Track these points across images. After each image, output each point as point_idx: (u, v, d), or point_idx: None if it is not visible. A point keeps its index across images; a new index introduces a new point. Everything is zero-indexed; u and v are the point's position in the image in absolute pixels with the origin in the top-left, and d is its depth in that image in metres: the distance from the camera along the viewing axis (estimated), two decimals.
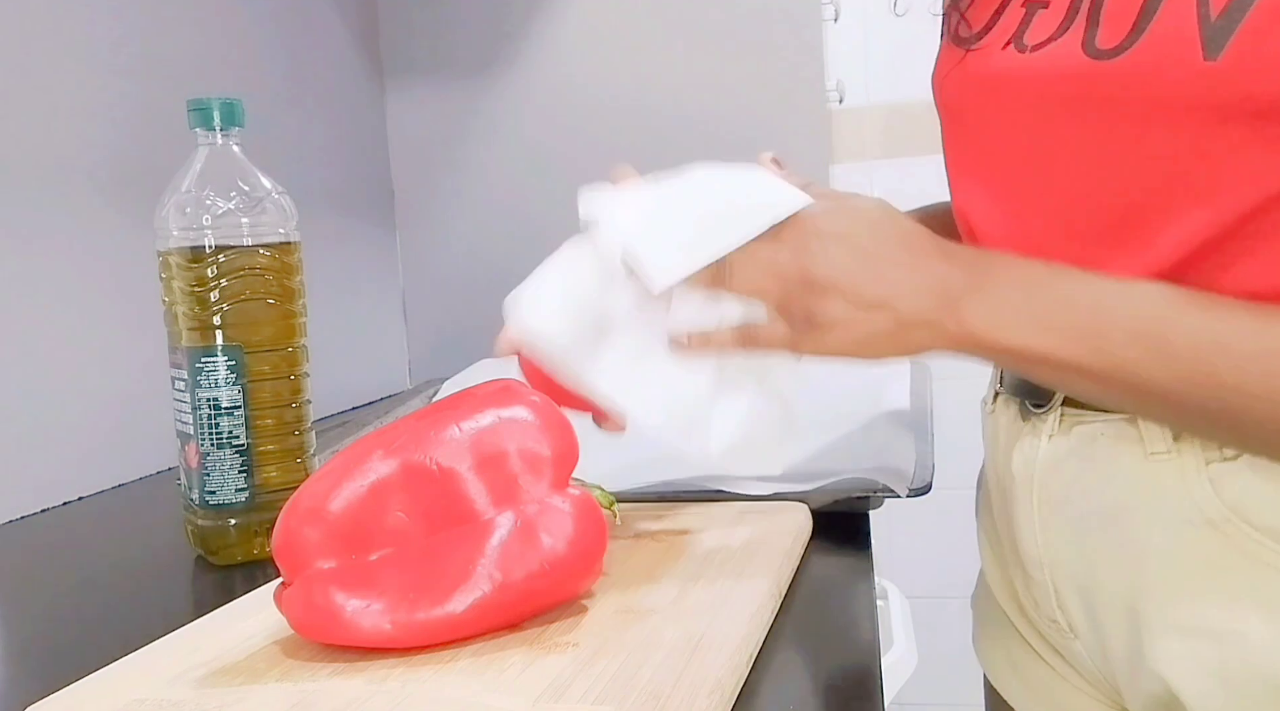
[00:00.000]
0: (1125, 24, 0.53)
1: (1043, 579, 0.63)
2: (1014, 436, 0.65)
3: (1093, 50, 0.54)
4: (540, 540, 0.50)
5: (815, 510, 0.70)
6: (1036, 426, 0.63)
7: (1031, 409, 0.63)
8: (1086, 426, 0.60)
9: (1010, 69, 0.58)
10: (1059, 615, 0.63)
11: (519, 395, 0.54)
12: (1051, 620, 0.64)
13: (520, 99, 1.41)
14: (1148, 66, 0.52)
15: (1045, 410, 0.62)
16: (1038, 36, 0.58)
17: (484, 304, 1.43)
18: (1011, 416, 0.66)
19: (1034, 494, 0.62)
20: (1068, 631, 0.63)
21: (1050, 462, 0.61)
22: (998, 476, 0.67)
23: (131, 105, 0.97)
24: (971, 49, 0.62)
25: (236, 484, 0.68)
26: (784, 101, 1.32)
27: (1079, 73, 0.55)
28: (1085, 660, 0.64)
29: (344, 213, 1.36)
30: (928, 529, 0.87)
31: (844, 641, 0.54)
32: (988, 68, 0.60)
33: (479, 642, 0.50)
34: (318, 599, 0.48)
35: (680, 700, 0.43)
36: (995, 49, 0.60)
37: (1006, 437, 0.66)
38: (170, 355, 0.69)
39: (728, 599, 0.54)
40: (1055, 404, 0.61)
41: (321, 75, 1.33)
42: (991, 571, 0.72)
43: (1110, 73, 0.53)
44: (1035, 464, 0.62)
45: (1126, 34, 0.52)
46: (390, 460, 0.50)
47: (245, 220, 0.67)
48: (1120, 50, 0.52)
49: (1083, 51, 0.54)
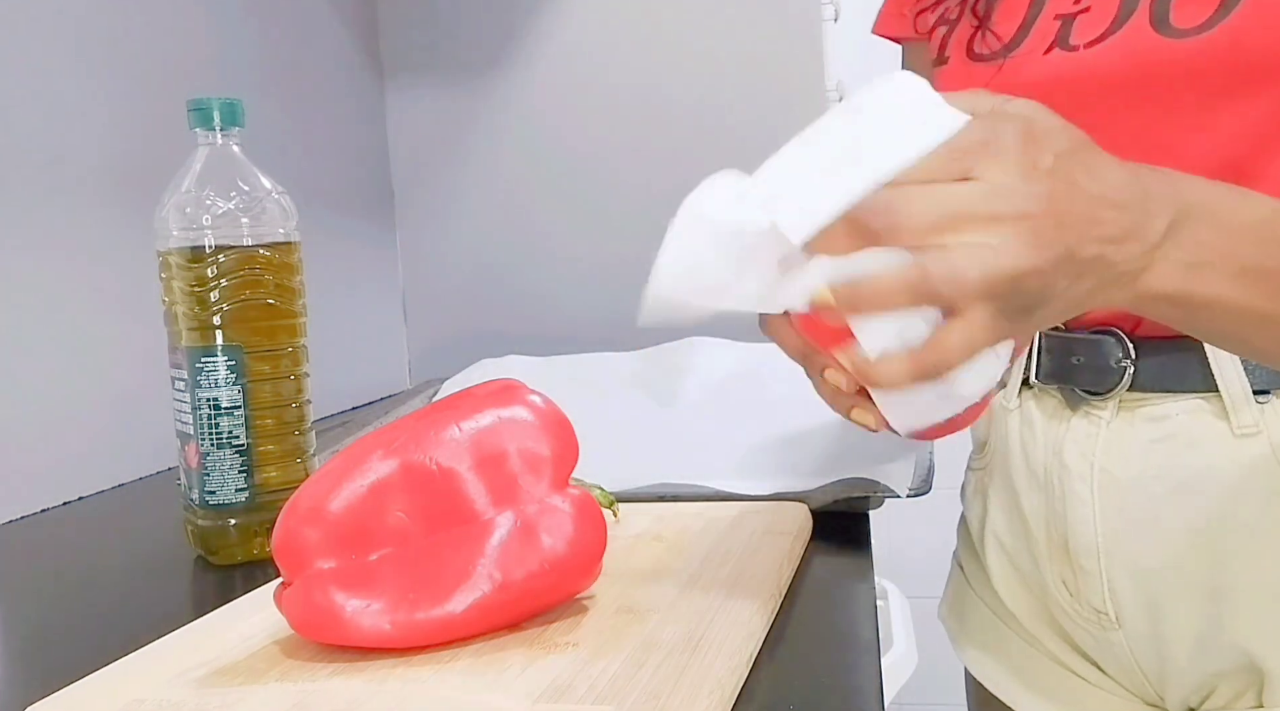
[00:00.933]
0: (1210, 2, 0.54)
1: (1094, 568, 0.63)
2: (1059, 426, 0.64)
3: (1170, 31, 0.55)
4: (540, 540, 0.50)
5: (815, 510, 0.70)
6: (1090, 413, 0.62)
7: (1084, 396, 0.63)
8: (1155, 408, 0.60)
9: (1064, 69, 0.59)
10: (1107, 605, 0.63)
11: (519, 395, 0.54)
12: (1097, 611, 0.64)
13: (520, 99, 1.41)
14: (1244, 35, 0.53)
15: (1105, 396, 0.61)
16: (1086, 36, 0.58)
17: (484, 304, 1.44)
18: (1051, 407, 0.65)
19: (1093, 480, 0.62)
20: (1112, 623, 0.63)
21: (1113, 448, 0.61)
22: (1032, 470, 0.66)
23: (131, 105, 0.97)
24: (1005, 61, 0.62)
25: (236, 484, 0.68)
26: (784, 101, 1.32)
27: (1155, 52, 0.56)
28: (1122, 651, 0.64)
29: (344, 213, 1.36)
30: (928, 529, 0.87)
31: (844, 641, 0.54)
32: (1036, 73, 0.60)
33: (479, 642, 0.50)
34: (318, 599, 0.48)
35: (680, 700, 0.43)
36: (1036, 55, 0.60)
37: (1048, 429, 0.65)
38: (170, 355, 0.69)
39: (728, 599, 0.54)
40: (1119, 389, 0.61)
41: (321, 75, 1.33)
42: (1000, 572, 0.71)
43: (1195, 48, 0.55)
44: (1095, 451, 0.62)
45: (1214, 10, 0.53)
46: (390, 460, 0.50)
47: (245, 220, 0.67)
48: (1208, 26, 0.54)
49: (1156, 33, 0.55)
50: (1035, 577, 0.68)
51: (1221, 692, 0.60)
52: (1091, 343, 0.62)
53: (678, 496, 0.73)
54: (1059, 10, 0.61)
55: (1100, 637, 0.65)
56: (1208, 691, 0.61)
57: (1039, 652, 0.70)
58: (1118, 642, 0.64)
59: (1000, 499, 0.71)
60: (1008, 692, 0.73)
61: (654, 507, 0.71)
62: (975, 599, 0.75)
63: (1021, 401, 0.68)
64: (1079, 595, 0.65)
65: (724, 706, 0.44)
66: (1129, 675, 0.65)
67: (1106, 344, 0.61)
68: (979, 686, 0.76)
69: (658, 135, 1.35)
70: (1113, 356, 0.61)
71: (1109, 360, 0.61)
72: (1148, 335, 0.60)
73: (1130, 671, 0.64)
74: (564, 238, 1.38)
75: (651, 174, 1.34)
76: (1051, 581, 0.66)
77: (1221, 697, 0.60)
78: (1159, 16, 0.56)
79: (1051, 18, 0.61)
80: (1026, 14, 0.62)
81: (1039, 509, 0.66)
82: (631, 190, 1.35)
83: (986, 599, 0.73)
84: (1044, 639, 0.69)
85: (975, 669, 0.76)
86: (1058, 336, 0.65)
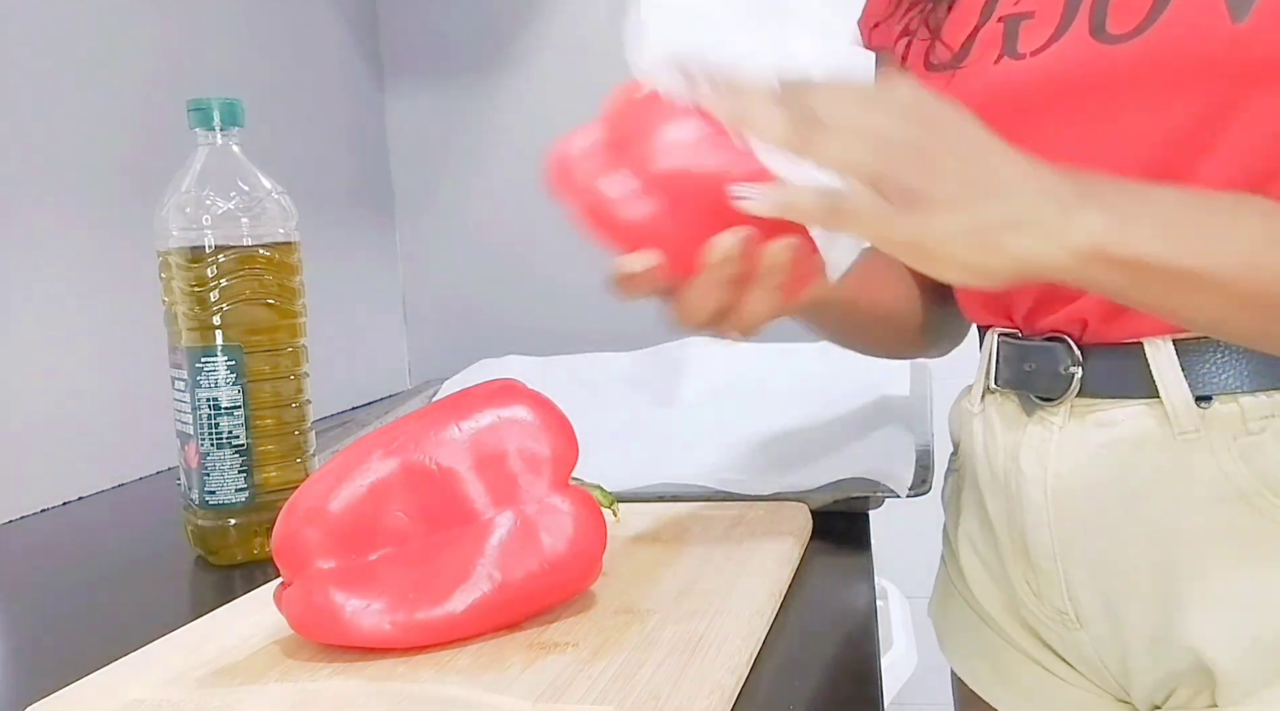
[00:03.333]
0: (1140, 7, 0.55)
1: (1052, 570, 0.64)
2: (1016, 431, 0.65)
3: (1105, 37, 0.56)
4: (540, 540, 0.50)
5: (815, 510, 0.70)
6: (1044, 419, 0.63)
7: (1038, 402, 0.63)
8: (1103, 413, 0.61)
9: (1012, 77, 0.60)
10: (1068, 606, 0.64)
11: (519, 395, 0.54)
12: (1059, 611, 0.65)
13: (520, 99, 1.41)
14: (1173, 38, 0.54)
15: (1056, 402, 0.62)
16: (1033, 43, 0.59)
17: (484, 303, 1.44)
18: (1010, 412, 0.66)
19: (1047, 485, 0.63)
20: (1074, 622, 0.64)
21: (1065, 453, 0.62)
22: (994, 473, 0.67)
23: (131, 105, 0.97)
24: (956, 69, 0.63)
25: (236, 484, 0.68)
26: None
27: (1094, 60, 0.56)
28: (1088, 650, 0.64)
29: (344, 213, 1.36)
30: (928, 529, 0.87)
31: (844, 641, 0.54)
32: (985, 81, 0.61)
33: (479, 642, 0.50)
34: (318, 599, 0.48)
35: (680, 700, 0.43)
36: (986, 64, 0.61)
37: (1006, 434, 0.66)
38: (170, 355, 0.69)
39: (728, 599, 0.54)
40: (1069, 395, 0.62)
41: (321, 75, 1.33)
42: (974, 572, 0.72)
43: (1130, 53, 0.56)
44: (1048, 456, 0.63)
45: (1144, 16, 0.54)
46: (390, 460, 0.50)
47: (245, 220, 0.67)
48: (1140, 30, 0.55)
49: (1094, 40, 0.56)
50: (1004, 578, 0.69)
51: (1181, 693, 0.61)
52: (1043, 349, 0.63)
53: (678, 496, 0.73)
54: (1002, 12, 0.62)
55: (1066, 637, 0.66)
56: (1169, 690, 0.61)
57: (1015, 651, 0.70)
58: (1083, 642, 0.65)
59: (970, 501, 0.72)
60: (988, 690, 0.73)
61: (654, 507, 0.71)
62: (957, 597, 0.75)
63: (985, 406, 0.69)
64: (1041, 595, 0.66)
65: (724, 706, 0.44)
66: (1097, 673, 0.66)
67: (1057, 350, 0.62)
68: (962, 685, 0.76)
69: None
70: (1062, 363, 0.62)
71: (1059, 366, 0.62)
72: (1095, 342, 0.61)
73: (1097, 669, 0.65)
74: (564, 237, 1.37)
75: None
76: (1017, 582, 0.67)
77: (1181, 697, 0.61)
78: (1097, 23, 0.57)
79: (996, 20, 0.62)
80: (976, 23, 0.63)
81: (1001, 511, 0.67)
82: None
83: (966, 597, 0.74)
84: (1018, 638, 0.70)
85: (958, 667, 0.77)
86: (1013, 344, 0.66)
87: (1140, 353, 0.59)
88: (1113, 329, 0.60)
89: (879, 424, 0.85)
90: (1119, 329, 0.60)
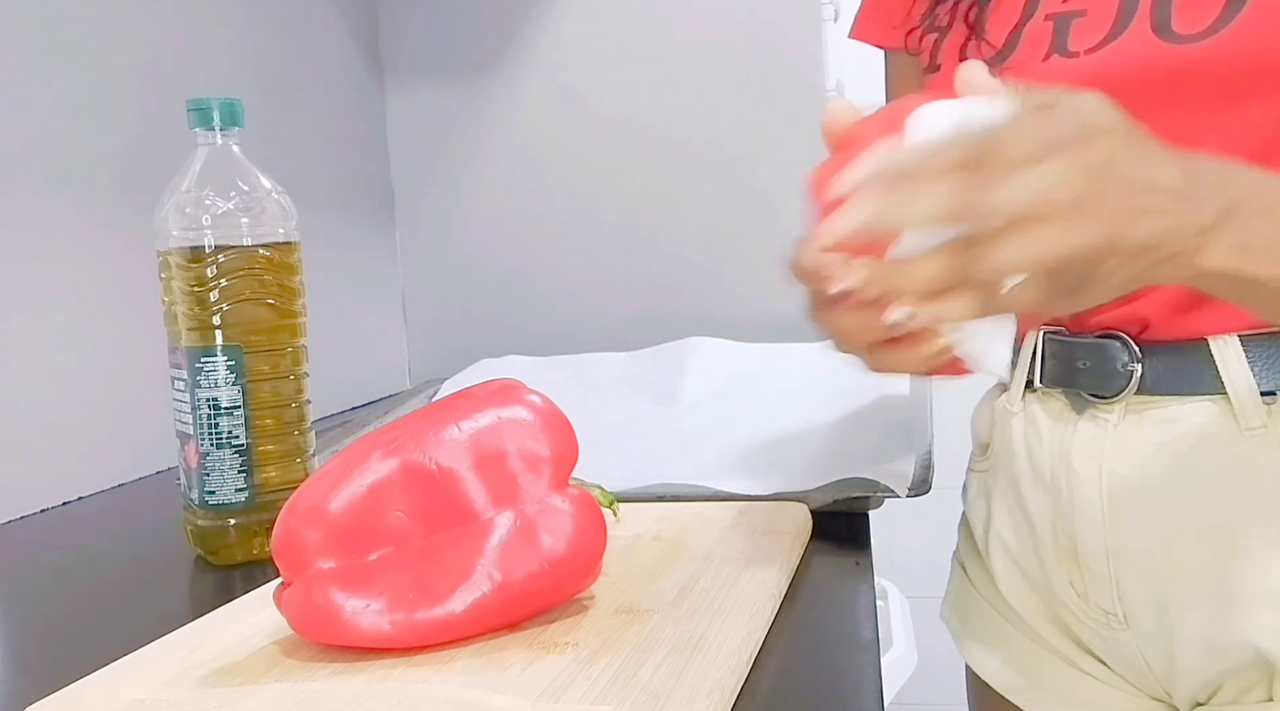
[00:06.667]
0: (1212, 7, 0.54)
1: (1103, 570, 0.63)
2: (1066, 430, 0.64)
3: (1172, 37, 0.55)
4: (540, 540, 0.50)
5: (815, 510, 0.70)
6: (1097, 417, 0.63)
7: (1091, 399, 0.63)
8: (1162, 410, 0.60)
9: (1065, 75, 0.59)
10: (1116, 606, 0.63)
11: (519, 395, 0.54)
12: (1105, 612, 0.64)
13: (520, 99, 1.41)
14: (1252, 38, 0.54)
15: (1111, 400, 0.62)
16: (1086, 42, 0.59)
17: (483, 304, 1.44)
18: (1057, 410, 0.65)
19: (1103, 484, 0.62)
20: (1121, 623, 0.64)
21: (1122, 451, 0.62)
22: (1037, 473, 0.66)
23: (131, 105, 0.97)
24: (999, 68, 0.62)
25: (236, 484, 0.68)
26: (784, 101, 1.32)
27: (1160, 59, 0.56)
28: (1131, 650, 0.64)
29: (344, 213, 1.36)
30: (928, 529, 0.87)
31: (844, 641, 0.54)
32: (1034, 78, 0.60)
33: (479, 642, 0.50)
34: (317, 599, 0.48)
35: (680, 700, 0.43)
36: (1034, 62, 0.61)
37: (1054, 433, 0.65)
38: (170, 355, 0.69)
39: (728, 599, 0.54)
40: (1127, 392, 0.61)
41: (321, 75, 1.33)
42: (1005, 572, 0.71)
43: (1203, 52, 0.55)
44: (1103, 454, 0.62)
45: (1217, 15, 0.54)
46: (390, 460, 0.50)
47: (245, 220, 0.67)
48: (1214, 30, 0.54)
49: (1158, 39, 0.56)
50: (1041, 579, 0.68)
51: (1229, 688, 0.61)
52: (1097, 347, 0.62)
53: (678, 496, 0.73)
54: (1050, 10, 0.61)
55: (1108, 637, 0.65)
56: (1215, 687, 0.61)
57: (1045, 650, 0.70)
58: (1126, 642, 0.64)
59: (1005, 501, 0.71)
60: (1015, 690, 0.73)
61: (654, 507, 0.71)
62: (978, 598, 0.75)
63: (1026, 405, 0.68)
64: (1087, 596, 0.65)
65: (724, 706, 0.44)
66: (1136, 672, 0.65)
67: (1112, 348, 0.61)
68: (982, 685, 0.75)
69: (657, 135, 1.35)
70: (1119, 360, 0.61)
71: (1115, 364, 0.61)
72: (1154, 339, 0.60)
73: (1138, 669, 0.65)
74: (564, 237, 1.38)
75: (651, 173, 1.34)
76: (1059, 583, 0.66)
77: (1229, 692, 0.61)
78: (1160, 22, 0.56)
79: (1043, 18, 0.61)
80: (1019, 19, 0.62)
81: (1045, 512, 0.66)
82: (631, 190, 1.35)
83: (990, 599, 0.73)
84: (1050, 637, 0.69)
85: (980, 667, 0.76)
86: (1062, 341, 0.65)
87: (1203, 348, 0.59)
88: (1176, 326, 0.59)
89: (879, 424, 0.85)
90: (1183, 326, 0.59)
